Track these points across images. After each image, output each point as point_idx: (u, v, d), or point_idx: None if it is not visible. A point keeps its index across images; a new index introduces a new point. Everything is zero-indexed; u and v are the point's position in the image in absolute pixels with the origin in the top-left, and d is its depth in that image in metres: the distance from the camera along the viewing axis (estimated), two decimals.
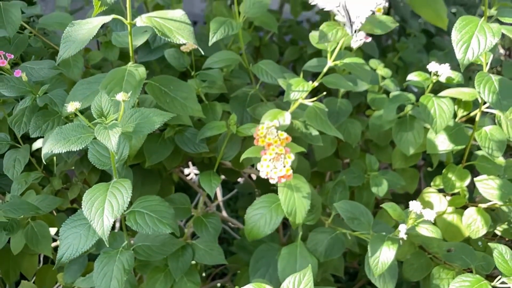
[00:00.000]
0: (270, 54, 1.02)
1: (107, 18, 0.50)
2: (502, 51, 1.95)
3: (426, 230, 0.52)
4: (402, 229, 0.51)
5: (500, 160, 0.75)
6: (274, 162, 0.52)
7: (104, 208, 0.47)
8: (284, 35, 1.11)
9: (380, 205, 0.55)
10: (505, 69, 1.30)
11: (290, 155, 0.52)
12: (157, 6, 0.90)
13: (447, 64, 0.65)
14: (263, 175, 0.52)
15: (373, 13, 0.52)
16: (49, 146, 0.45)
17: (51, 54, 0.74)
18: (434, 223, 0.79)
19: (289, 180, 0.53)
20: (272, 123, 0.55)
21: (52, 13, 0.71)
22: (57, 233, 0.71)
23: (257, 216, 0.59)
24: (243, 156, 0.55)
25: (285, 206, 0.55)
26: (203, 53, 0.54)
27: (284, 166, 0.52)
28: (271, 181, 0.52)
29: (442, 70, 0.64)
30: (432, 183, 0.78)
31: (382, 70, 0.81)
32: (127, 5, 0.52)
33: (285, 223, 0.82)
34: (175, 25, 0.51)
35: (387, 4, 1.61)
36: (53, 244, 0.70)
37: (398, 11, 1.45)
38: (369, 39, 0.54)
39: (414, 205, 0.50)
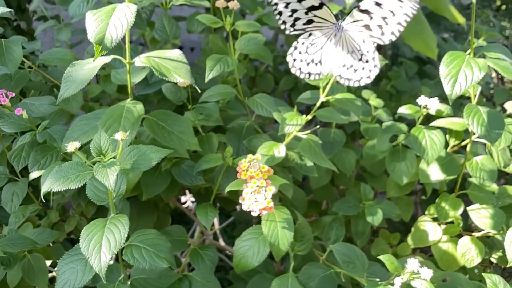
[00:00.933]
0: (265, 84, 1.04)
1: (107, 59, 0.52)
2: (494, 74, 1.99)
3: (421, 286, 0.52)
4: (397, 283, 0.51)
5: (493, 187, 0.76)
6: (256, 195, 0.53)
7: (102, 244, 0.48)
8: (279, 65, 1.13)
9: (377, 257, 0.55)
10: (496, 95, 1.33)
11: (271, 187, 0.53)
12: (154, 39, 0.92)
13: (436, 98, 0.67)
14: (245, 208, 0.53)
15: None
16: (48, 184, 0.46)
17: (50, 88, 0.76)
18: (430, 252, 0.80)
19: (270, 212, 0.54)
20: (254, 156, 0.55)
21: (52, 49, 0.73)
22: (52, 265, 0.71)
23: (245, 248, 0.59)
24: (226, 189, 0.56)
25: (269, 237, 0.55)
26: (199, 91, 0.56)
27: (265, 199, 0.52)
28: (253, 214, 0.52)
29: (431, 104, 0.66)
30: (426, 212, 0.79)
31: (374, 101, 0.83)
32: (126, 46, 0.53)
33: None
34: (172, 65, 0.53)
35: None
36: (49, 275, 0.70)
37: None
38: None
39: (412, 264, 0.50)
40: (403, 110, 0.71)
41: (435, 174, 0.72)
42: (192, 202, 1.25)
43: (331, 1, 1.25)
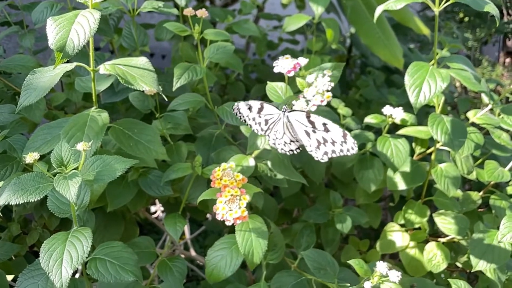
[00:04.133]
0: (236, 92, 1.04)
1: (69, 66, 0.50)
2: (458, 83, 2.06)
3: None
4: (367, 287, 0.52)
5: (458, 192, 0.78)
6: (230, 204, 0.52)
7: (63, 259, 0.46)
8: (250, 73, 1.13)
9: (347, 261, 0.56)
10: (460, 104, 1.38)
11: (246, 196, 0.52)
12: (122, 46, 0.90)
13: (401, 108, 0.68)
14: (219, 217, 0.52)
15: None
16: (6, 197, 0.44)
17: (12, 95, 0.73)
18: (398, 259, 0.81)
19: (245, 221, 0.53)
20: (228, 165, 0.55)
21: (14, 56, 0.71)
22: (14, 279, 0.68)
23: (218, 258, 0.59)
24: (199, 199, 0.55)
25: (242, 247, 0.55)
26: (166, 99, 0.55)
27: (240, 208, 0.52)
28: (227, 223, 0.52)
29: (396, 114, 0.67)
30: (394, 219, 0.80)
31: (343, 109, 0.84)
32: (90, 53, 0.52)
33: None
34: (138, 72, 0.51)
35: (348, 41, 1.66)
36: None
37: (359, 48, 1.53)
38: (325, 102, 0.55)
39: (381, 266, 0.51)
40: (370, 119, 0.72)
41: (402, 181, 0.73)
42: (162, 211, 1.23)
43: (301, 11, 1.26)
